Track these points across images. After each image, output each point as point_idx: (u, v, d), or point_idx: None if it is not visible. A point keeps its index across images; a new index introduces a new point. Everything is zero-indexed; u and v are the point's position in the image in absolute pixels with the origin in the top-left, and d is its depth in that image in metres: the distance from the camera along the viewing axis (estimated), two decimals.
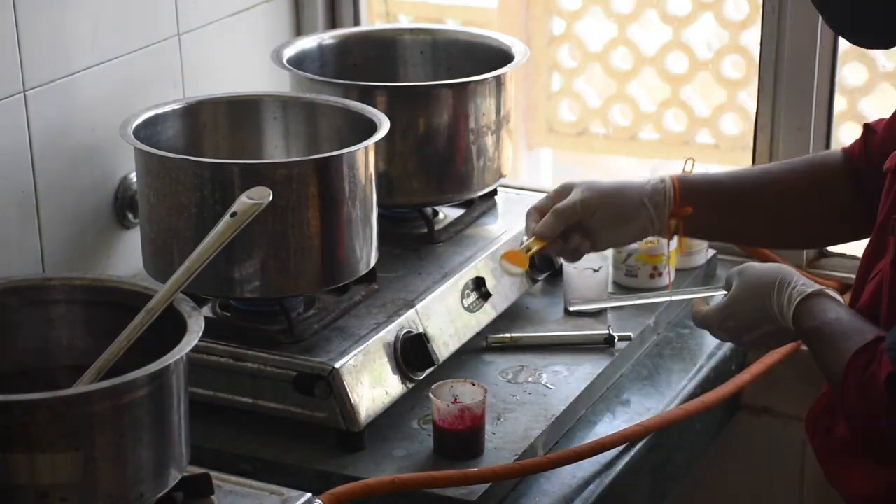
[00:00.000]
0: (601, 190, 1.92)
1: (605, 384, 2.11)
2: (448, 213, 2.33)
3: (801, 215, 1.94)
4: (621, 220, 1.92)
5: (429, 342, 1.98)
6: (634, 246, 2.23)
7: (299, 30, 2.60)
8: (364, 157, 1.95)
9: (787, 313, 1.74)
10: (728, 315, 1.82)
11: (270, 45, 2.32)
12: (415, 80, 2.41)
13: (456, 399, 1.88)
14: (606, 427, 2.02)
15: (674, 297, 2.05)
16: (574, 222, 1.91)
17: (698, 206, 1.92)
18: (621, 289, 2.29)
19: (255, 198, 1.68)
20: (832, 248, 2.42)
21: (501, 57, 2.29)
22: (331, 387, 1.87)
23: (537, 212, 1.95)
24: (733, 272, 1.84)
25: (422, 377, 1.99)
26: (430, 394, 1.89)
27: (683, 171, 2.32)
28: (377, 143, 1.97)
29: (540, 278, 2.06)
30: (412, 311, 2.02)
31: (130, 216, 2.21)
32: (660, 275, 2.27)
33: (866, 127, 1.93)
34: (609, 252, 2.25)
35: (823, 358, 1.71)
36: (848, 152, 1.95)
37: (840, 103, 2.72)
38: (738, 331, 1.82)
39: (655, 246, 2.24)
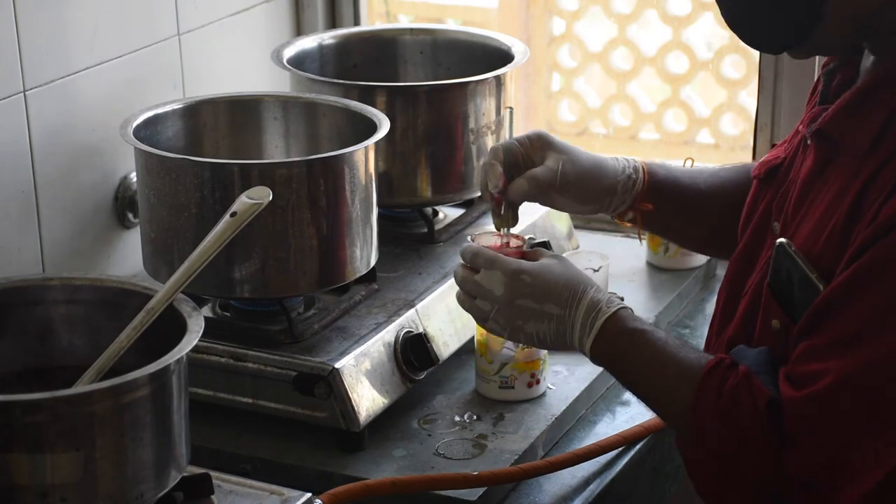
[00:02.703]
0: (581, 167, 1.84)
1: (605, 384, 2.11)
2: (448, 213, 2.33)
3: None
4: (588, 199, 1.88)
5: (429, 342, 1.98)
6: (508, 353, 1.97)
7: (299, 30, 2.60)
8: (364, 157, 1.95)
9: (589, 322, 1.69)
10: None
11: (270, 45, 2.32)
12: (415, 80, 2.41)
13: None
14: (606, 427, 2.02)
15: None
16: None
17: (658, 202, 1.90)
18: (494, 402, 2.01)
19: (255, 198, 1.68)
20: None
21: (501, 57, 2.29)
22: (331, 387, 1.87)
23: (499, 160, 1.82)
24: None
25: (422, 377, 1.99)
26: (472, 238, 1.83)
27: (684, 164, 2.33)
28: (377, 143, 1.97)
29: None
30: (412, 311, 2.02)
31: (130, 216, 2.21)
32: (538, 382, 2.00)
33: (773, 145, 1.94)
34: (600, 262, 2.23)
35: (648, 375, 1.67)
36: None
37: None
38: (525, 292, 1.71)
39: (531, 351, 1.98)
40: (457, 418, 1.98)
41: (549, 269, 1.73)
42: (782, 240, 1.63)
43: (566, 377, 2.07)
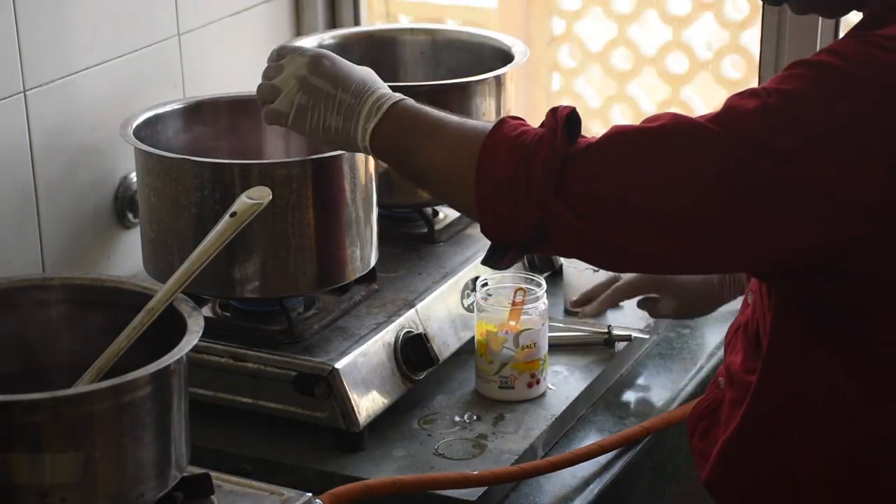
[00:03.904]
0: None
1: (605, 384, 2.11)
2: (448, 213, 2.33)
3: None
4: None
5: (429, 342, 1.98)
6: (508, 353, 1.98)
7: (299, 30, 2.60)
8: (364, 157, 1.95)
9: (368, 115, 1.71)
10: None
11: (270, 45, 2.31)
12: (415, 80, 2.41)
13: None
14: (606, 427, 2.01)
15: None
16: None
17: None
18: (494, 402, 2.01)
19: (255, 198, 1.68)
20: None
21: (501, 57, 2.29)
22: (331, 387, 1.87)
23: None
24: None
25: (422, 377, 1.99)
26: None
27: None
28: None
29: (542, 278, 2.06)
30: (412, 311, 2.02)
31: (130, 216, 2.21)
32: (538, 382, 2.00)
33: None
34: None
35: (433, 134, 1.66)
36: None
37: None
38: (325, 72, 1.76)
39: (531, 351, 2.00)
40: (457, 418, 1.98)
41: (351, 64, 1.79)
42: None
43: (566, 377, 2.07)
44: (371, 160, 1.97)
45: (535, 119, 1.66)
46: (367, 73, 1.78)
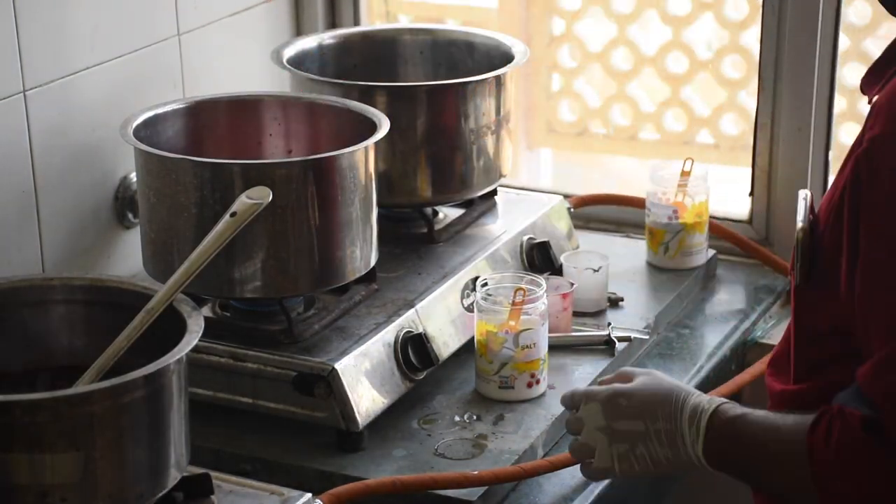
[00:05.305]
0: None
1: None
2: (448, 213, 2.33)
3: None
4: None
5: (429, 342, 1.98)
6: (508, 353, 1.98)
7: (299, 30, 2.61)
8: (364, 157, 1.95)
9: (697, 422, 1.65)
10: (625, 394, 1.73)
11: (270, 45, 2.32)
12: (415, 80, 2.41)
13: None
14: None
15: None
16: None
17: None
18: (494, 402, 2.00)
19: (255, 198, 1.69)
20: None
21: (501, 57, 2.29)
22: (331, 387, 1.87)
23: None
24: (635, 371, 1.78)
25: (422, 377, 1.99)
26: None
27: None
28: (377, 143, 1.97)
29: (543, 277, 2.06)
30: (412, 311, 2.02)
31: (130, 216, 2.21)
32: (538, 382, 2.00)
33: None
34: (600, 262, 2.23)
35: (764, 464, 1.61)
36: None
37: (840, 103, 2.72)
38: (626, 413, 1.71)
39: (531, 351, 1.99)
40: (457, 418, 1.98)
41: (644, 386, 1.74)
42: None
43: (566, 377, 2.07)
44: (371, 160, 1.97)
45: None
46: (661, 388, 1.73)
